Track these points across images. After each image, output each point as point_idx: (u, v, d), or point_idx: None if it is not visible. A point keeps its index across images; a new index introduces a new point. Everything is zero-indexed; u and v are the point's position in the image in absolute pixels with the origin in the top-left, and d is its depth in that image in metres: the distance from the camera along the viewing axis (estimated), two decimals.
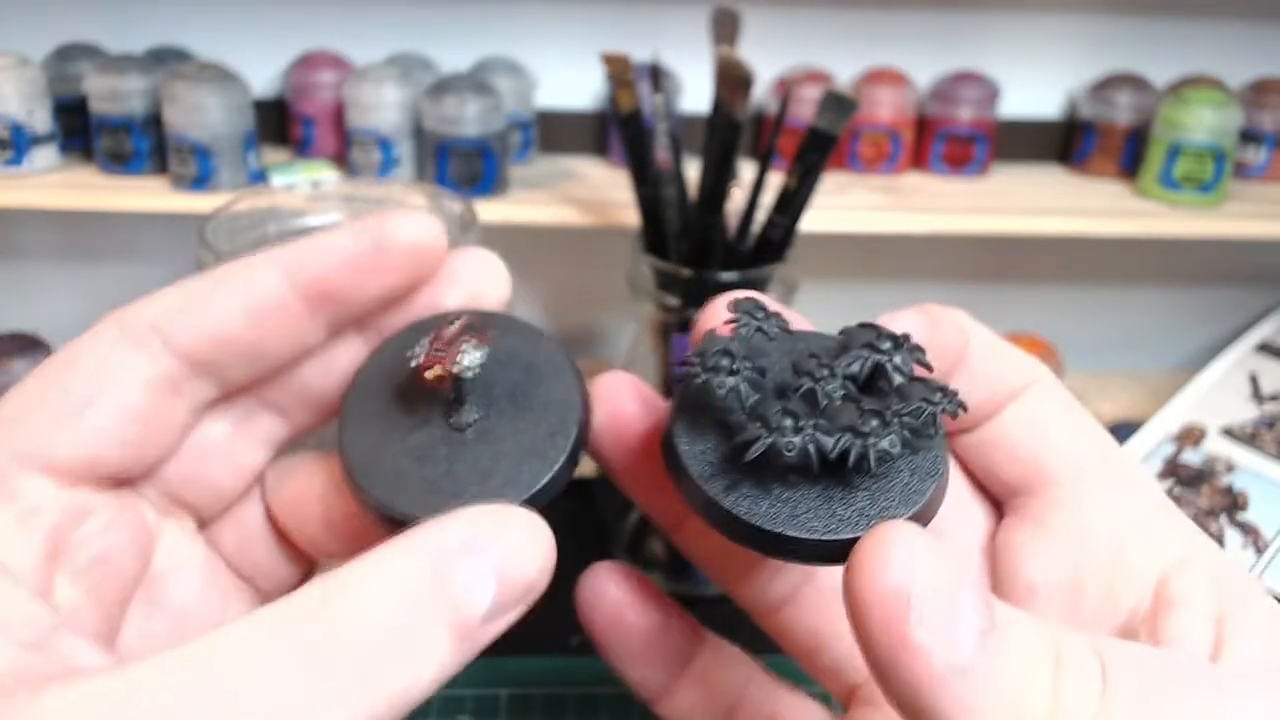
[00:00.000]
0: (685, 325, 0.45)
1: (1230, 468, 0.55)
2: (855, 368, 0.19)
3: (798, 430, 0.17)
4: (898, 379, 0.18)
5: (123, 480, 0.20)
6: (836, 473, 0.18)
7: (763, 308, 0.20)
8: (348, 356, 0.22)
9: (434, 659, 0.15)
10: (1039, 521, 0.21)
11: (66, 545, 0.19)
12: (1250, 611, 0.19)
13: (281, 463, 0.23)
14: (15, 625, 0.15)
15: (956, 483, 0.23)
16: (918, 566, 0.15)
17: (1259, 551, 0.49)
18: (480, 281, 0.22)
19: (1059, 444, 0.22)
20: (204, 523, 0.22)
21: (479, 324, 0.20)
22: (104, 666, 0.15)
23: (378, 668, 0.15)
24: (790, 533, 0.17)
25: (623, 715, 0.40)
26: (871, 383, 0.19)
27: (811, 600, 0.24)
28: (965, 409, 0.18)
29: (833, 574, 0.24)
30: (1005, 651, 0.15)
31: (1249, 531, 0.50)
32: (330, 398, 0.22)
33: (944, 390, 0.18)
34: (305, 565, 0.24)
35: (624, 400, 0.22)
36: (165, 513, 0.21)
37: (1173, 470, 0.55)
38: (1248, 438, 0.57)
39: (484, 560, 0.16)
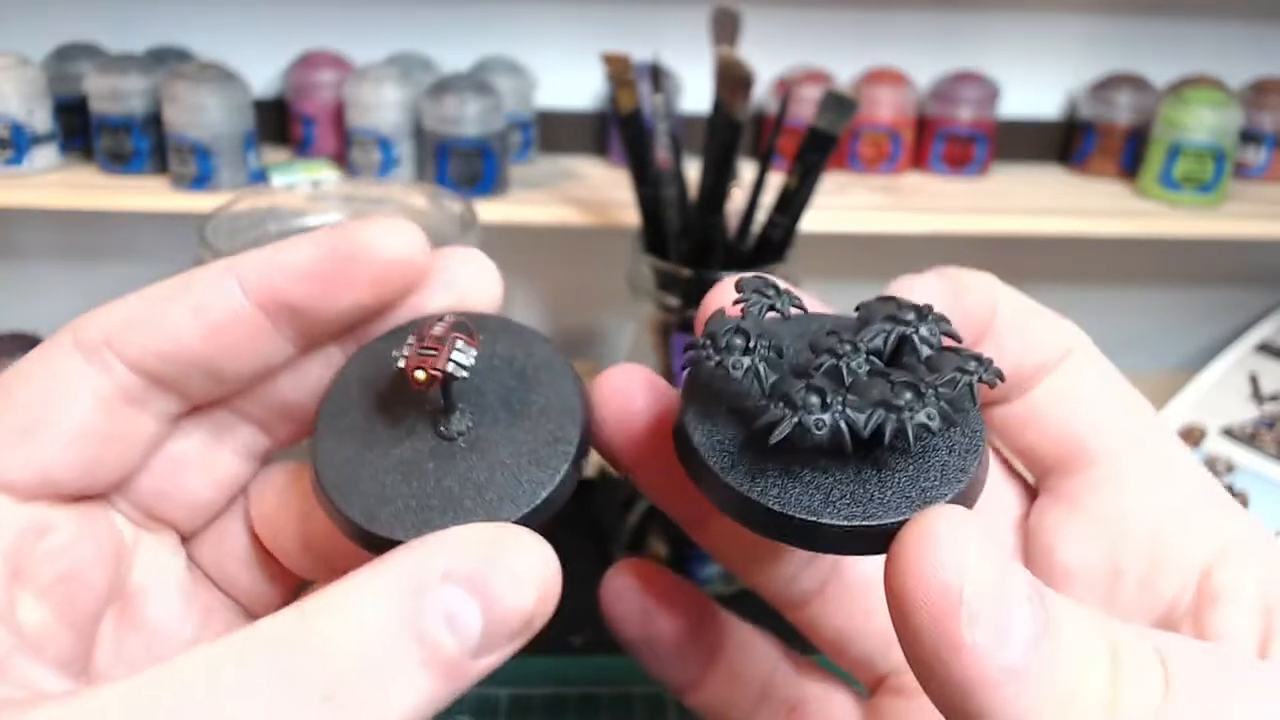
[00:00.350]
0: (685, 325, 0.45)
1: (1230, 468, 0.55)
2: (879, 341, 0.17)
3: (825, 407, 0.16)
4: (926, 350, 0.17)
5: (86, 495, 0.19)
6: (869, 453, 0.16)
7: (774, 286, 0.19)
8: (328, 369, 0.20)
9: (411, 697, 0.14)
10: (1075, 503, 0.20)
11: (29, 562, 0.17)
12: None
13: (264, 474, 0.21)
14: None
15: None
16: (971, 559, 0.14)
17: None
18: (468, 283, 0.20)
19: (1096, 420, 0.20)
20: (186, 537, 0.21)
21: (468, 323, 0.18)
22: (66, 692, 0.14)
23: (351, 703, 0.14)
24: (826, 520, 0.16)
25: (623, 715, 0.40)
26: (897, 357, 0.17)
27: (839, 595, 0.23)
28: (1003, 378, 0.17)
29: (860, 567, 0.23)
30: (1060, 648, 0.14)
31: None
32: (312, 410, 0.20)
33: (978, 359, 0.17)
34: (292, 582, 0.22)
35: (635, 392, 0.20)
36: (142, 526, 0.20)
37: None
38: (1248, 438, 0.57)
39: (470, 590, 0.15)
